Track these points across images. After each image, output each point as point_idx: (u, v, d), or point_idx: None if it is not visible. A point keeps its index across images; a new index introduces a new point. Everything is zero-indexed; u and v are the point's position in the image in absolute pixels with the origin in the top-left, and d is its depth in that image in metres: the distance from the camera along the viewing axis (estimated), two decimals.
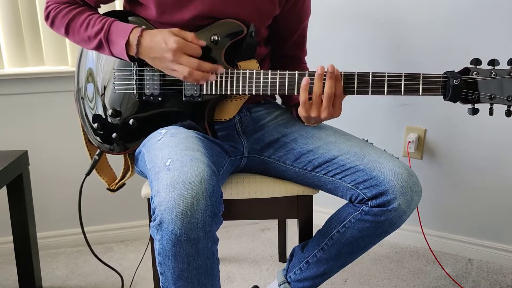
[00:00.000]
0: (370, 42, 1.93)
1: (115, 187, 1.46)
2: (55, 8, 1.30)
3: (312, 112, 1.19)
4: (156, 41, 1.19)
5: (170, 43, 1.17)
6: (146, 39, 1.20)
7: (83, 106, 1.39)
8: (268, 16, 1.33)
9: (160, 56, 1.19)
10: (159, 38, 1.19)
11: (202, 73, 1.19)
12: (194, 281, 1.08)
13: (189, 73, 1.18)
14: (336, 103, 1.18)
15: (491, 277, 1.82)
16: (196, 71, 1.18)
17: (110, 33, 1.23)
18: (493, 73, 1.13)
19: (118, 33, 1.22)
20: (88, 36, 1.26)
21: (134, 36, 1.20)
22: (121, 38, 1.21)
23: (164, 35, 1.18)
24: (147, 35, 1.20)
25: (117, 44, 1.22)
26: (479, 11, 1.73)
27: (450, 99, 1.16)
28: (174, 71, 1.20)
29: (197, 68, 1.18)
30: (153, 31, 1.21)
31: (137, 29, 1.21)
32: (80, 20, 1.27)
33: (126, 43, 1.21)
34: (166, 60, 1.19)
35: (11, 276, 1.84)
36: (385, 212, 1.18)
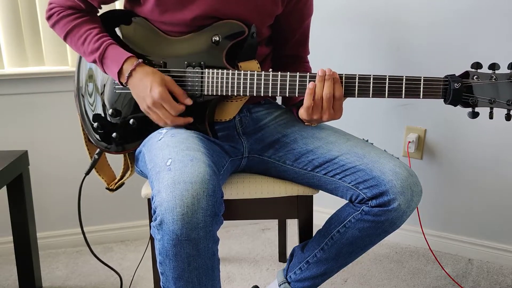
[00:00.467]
0: (371, 42, 1.93)
1: (114, 187, 1.46)
2: (59, 12, 1.30)
3: (314, 114, 1.19)
4: (144, 82, 1.21)
5: (154, 92, 1.20)
6: (137, 75, 1.23)
7: (83, 105, 1.39)
8: (270, 16, 1.33)
9: (142, 97, 1.23)
10: (147, 81, 1.21)
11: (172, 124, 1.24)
12: (194, 281, 1.08)
13: (162, 124, 1.25)
14: (336, 105, 1.18)
15: (491, 277, 1.83)
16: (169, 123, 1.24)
17: (105, 56, 1.25)
18: (494, 77, 1.14)
19: (112, 59, 1.25)
20: (84, 51, 1.29)
21: (127, 67, 1.23)
22: (115, 65, 1.24)
23: (153, 80, 1.21)
24: (140, 71, 1.23)
25: (111, 69, 1.25)
26: (479, 12, 1.73)
27: (450, 102, 1.16)
28: (149, 115, 1.25)
29: (170, 122, 1.23)
30: (147, 69, 1.23)
31: (131, 60, 1.23)
32: (79, 33, 1.29)
33: (119, 71, 1.23)
34: (145, 103, 1.23)
35: (11, 276, 1.84)
36: (385, 212, 1.18)
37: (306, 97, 1.18)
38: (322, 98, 1.17)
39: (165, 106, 1.21)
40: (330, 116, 1.19)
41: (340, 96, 1.17)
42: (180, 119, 1.24)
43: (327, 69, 1.17)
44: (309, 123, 1.27)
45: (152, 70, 1.23)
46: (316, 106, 1.18)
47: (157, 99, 1.20)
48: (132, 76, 1.23)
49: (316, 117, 1.19)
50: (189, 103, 1.24)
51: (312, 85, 1.18)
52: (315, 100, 1.18)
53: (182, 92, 1.23)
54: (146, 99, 1.21)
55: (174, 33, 1.29)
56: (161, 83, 1.20)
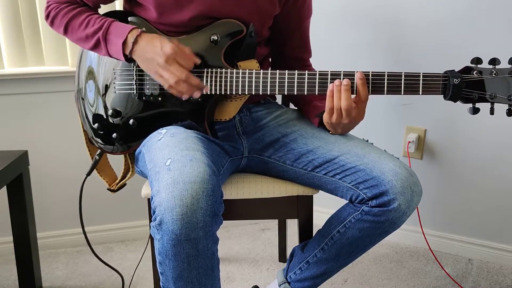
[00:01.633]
0: (371, 42, 1.93)
1: (116, 188, 1.46)
2: (56, 8, 1.31)
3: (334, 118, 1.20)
4: (152, 43, 1.19)
5: (166, 48, 1.17)
6: (144, 39, 1.20)
7: (83, 107, 1.39)
8: (269, 16, 1.33)
9: (152, 58, 1.18)
10: (156, 41, 1.19)
11: (188, 86, 1.18)
12: (194, 281, 1.08)
13: (175, 83, 1.17)
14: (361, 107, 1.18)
15: (491, 277, 1.82)
16: (183, 82, 1.17)
17: (108, 32, 1.23)
18: (494, 72, 1.13)
19: (117, 32, 1.23)
20: (86, 34, 1.26)
21: (132, 35, 1.21)
22: (119, 37, 1.22)
23: (162, 40, 1.19)
24: (146, 36, 1.21)
25: (115, 43, 1.22)
26: (479, 11, 1.73)
27: (450, 98, 1.16)
28: (161, 77, 1.19)
29: (184, 79, 1.17)
30: (153, 34, 1.22)
31: (136, 29, 1.22)
32: (79, 20, 1.27)
33: (124, 42, 1.21)
34: (156, 63, 1.18)
35: (11, 276, 1.84)
36: (385, 212, 1.18)
37: (327, 99, 1.19)
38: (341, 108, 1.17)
39: (178, 60, 1.17)
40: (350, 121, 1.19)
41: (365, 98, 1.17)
42: (195, 78, 1.19)
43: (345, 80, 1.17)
44: (334, 130, 1.27)
45: (157, 35, 1.22)
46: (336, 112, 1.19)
47: (170, 54, 1.16)
48: (138, 41, 1.20)
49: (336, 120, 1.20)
50: (198, 62, 1.21)
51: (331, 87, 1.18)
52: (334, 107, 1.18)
53: (190, 50, 1.21)
54: (157, 58, 1.17)
55: (172, 33, 1.29)
56: (170, 40, 1.19)
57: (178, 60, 1.17)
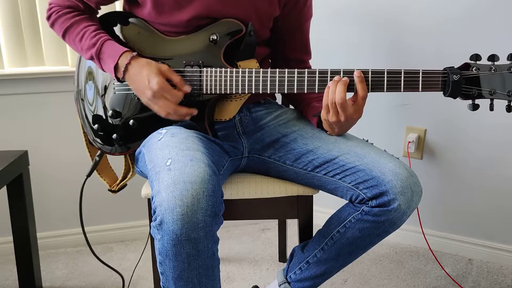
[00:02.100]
0: (371, 42, 1.93)
1: (117, 188, 1.46)
2: (57, 11, 1.31)
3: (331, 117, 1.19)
4: (141, 75, 1.21)
5: (152, 83, 1.19)
6: (133, 69, 1.22)
7: (83, 107, 1.39)
8: (268, 18, 1.33)
9: (141, 91, 1.22)
10: (144, 73, 1.20)
11: (177, 116, 1.22)
12: (194, 281, 1.08)
13: (165, 115, 1.22)
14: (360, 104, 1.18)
15: (491, 277, 1.83)
16: (171, 114, 1.22)
17: (101, 52, 1.25)
18: (493, 68, 1.13)
19: (109, 54, 1.24)
20: (81, 47, 1.29)
21: (122, 62, 1.22)
22: (111, 60, 1.24)
23: (150, 72, 1.20)
24: (135, 65, 1.22)
25: (107, 64, 1.25)
26: (480, 12, 1.73)
27: (450, 95, 1.16)
28: (152, 108, 1.23)
29: (173, 112, 1.21)
30: (141, 62, 1.22)
31: (126, 54, 1.23)
32: (76, 30, 1.29)
33: (115, 66, 1.23)
34: (145, 96, 1.22)
35: (11, 276, 1.84)
36: (385, 212, 1.18)
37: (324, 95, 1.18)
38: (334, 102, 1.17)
39: (165, 95, 1.20)
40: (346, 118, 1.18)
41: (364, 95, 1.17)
42: (183, 109, 1.22)
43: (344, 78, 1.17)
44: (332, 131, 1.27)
45: (146, 62, 1.22)
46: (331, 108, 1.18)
47: (156, 90, 1.18)
48: (128, 70, 1.22)
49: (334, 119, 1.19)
50: (188, 90, 1.23)
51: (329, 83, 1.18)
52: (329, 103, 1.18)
53: (180, 79, 1.22)
54: (146, 92, 1.20)
55: (172, 33, 1.29)
56: (157, 73, 1.20)
57: (165, 95, 1.20)
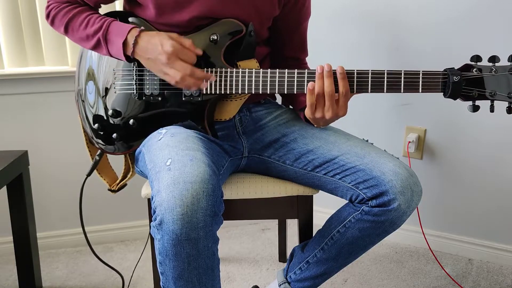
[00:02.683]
0: (371, 42, 1.93)
1: (116, 188, 1.46)
2: (56, 7, 1.31)
3: (317, 113, 1.19)
4: (152, 43, 1.19)
5: (166, 46, 1.17)
6: (143, 40, 1.20)
7: (84, 107, 1.39)
8: (268, 17, 1.33)
9: (155, 58, 1.19)
10: (156, 40, 1.19)
11: (194, 80, 1.19)
12: (194, 281, 1.08)
13: (181, 78, 1.18)
14: (340, 102, 1.18)
15: (491, 277, 1.83)
16: (188, 77, 1.18)
17: (108, 32, 1.23)
18: (494, 69, 1.13)
19: (117, 32, 1.23)
20: (86, 34, 1.26)
21: (131, 35, 1.21)
22: (119, 37, 1.21)
23: (161, 38, 1.18)
24: (145, 35, 1.21)
25: (115, 43, 1.22)
26: (480, 12, 1.73)
27: (450, 96, 1.16)
28: (166, 75, 1.19)
29: (189, 74, 1.18)
30: (151, 33, 1.21)
31: (135, 29, 1.22)
32: (79, 19, 1.27)
33: (124, 42, 1.21)
34: (160, 62, 1.18)
35: (11, 276, 1.84)
36: (385, 212, 1.18)
37: (307, 96, 1.18)
38: (323, 95, 1.17)
39: (181, 57, 1.17)
40: (333, 114, 1.18)
41: (346, 92, 1.16)
42: (199, 70, 1.20)
43: (326, 65, 1.16)
44: (316, 124, 1.26)
45: (156, 32, 1.22)
46: (318, 104, 1.18)
47: (171, 52, 1.16)
48: (138, 42, 1.20)
49: (319, 115, 1.19)
50: (199, 53, 1.21)
51: (311, 85, 1.17)
52: (317, 98, 1.17)
53: (191, 42, 1.21)
54: (160, 57, 1.18)
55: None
56: (169, 38, 1.18)
57: (180, 56, 1.17)
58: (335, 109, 1.18)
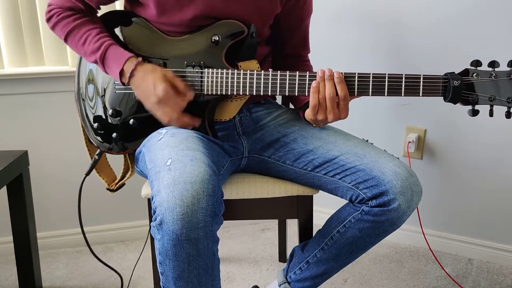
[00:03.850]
0: (372, 43, 1.93)
1: (115, 187, 1.46)
2: (58, 14, 1.30)
3: (319, 115, 1.19)
4: (146, 81, 1.21)
5: (158, 90, 1.19)
6: (138, 74, 1.22)
7: (84, 107, 1.39)
8: (270, 16, 1.33)
9: (146, 96, 1.22)
10: (149, 79, 1.21)
11: (180, 123, 1.24)
12: (194, 281, 1.08)
13: (168, 122, 1.23)
14: (341, 105, 1.18)
15: (491, 277, 1.83)
16: (174, 121, 1.23)
17: (106, 57, 1.25)
18: (493, 74, 1.14)
19: (113, 59, 1.24)
20: (84, 52, 1.28)
21: (128, 68, 1.22)
22: (116, 65, 1.24)
23: (155, 78, 1.20)
24: (140, 71, 1.22)
25: (112, 69, 1.25)
26: (479, 13, 1.73)
27: (450, 100, 1.16)
28: (155, 114, 1.24)
29: (176, 120, 1.22)
30: (147, 68, 1.23)
31: (132, 60, 1.23)
32: (79, 34, 1.28)
33: (121, 72, 1.23)
34: (149, 102, 1.22)
35: (11, 276, 1.84)
36: (385, 212, 1.19)
37: (311, 96, 1.18)
38: (325, 98, 1.17)
39: (170, 103, 1.20)
40: (335, 116, 1.19)
41: (345, 95, 1.17)
42: (185, 117, 1.23)
43: (327, 69, 1.17)
44: (316, 124, 1.26)
45: (152, 68, 1.23)
46: (320, 107, 1.18)
47: (162, 96, 1.19)
48: (134, 76, 1.22)
49: (321, 117, 1.19)
50: (191, 98, 1.23)
51: (315, 84, 1.17)
52: (319, 99, 1.18)
53: (184, 86, 1.22)
54: (151, 97, 1.21)
55: (174, 33, 1.29)
56: (163, 79, 1.20)
57: (170, 103, 1.20)
58: (336, 112, 1.18)
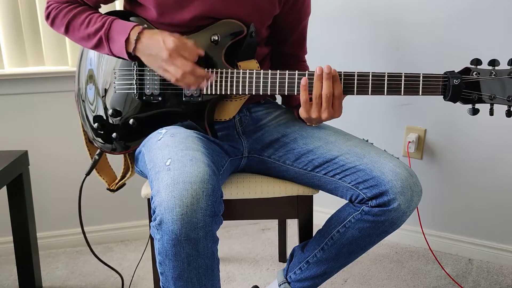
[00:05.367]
0: (371, 42, 1.93)
1: (115, 187, 1.46)
2: (56, 8, 1.30)
3: (313, 113, 1.19)
4: (154, 39, 1.19)
5: (168, 42, 1.17)
6: (146, 36, 1.20)
7: (84, 108, 1.39)
8: (269, 16, 1.33)
9: (156, 54, 1.18)
10: (158, 36, 1.19)
11: (195, 78, 1.18)
12: (194, 281, 1.08)
13: (182, 76, 1.17)
14: (335, 104, 1.18)
15: (491, 277, 1.83)
16: (189, 74, 1.17)
17: (110, 30, 1.23)
18: (494, 73, 1.13)
19: (119, 30, 1.23)
20: (88, 33, 1.26)
21: (134, 32, 1.21)
22: (122, 35, 1.21)
23: (163, 35, 1.19)
24: (147, 33, 1.21)
25: (117, 41, 1.22)
26: (479, 12, 1.73)
27: (450, 99, 1.16)
28: (166, 71, 1.19)
29: (190, 72, 1.17)
30: (154, 30, 1.22)
31: (138, 26, 1.22)
32: (81, 19, 1.27)
33: (126, 40, 1.21)
34: (160, 59, 1.18)
35: (11, 276, 1.84)
36: (385, 212, 1.19)
37: (301, 92, 1.18)
38: (321, 97, 1.17)
39: (182, 53, 1.17)
40: (329, 115, 1.19)
41: (339, 94, 1.17)
42: (200, 69, 1.19)
43: (326, 67, 1.16)
44: (309, 122, 1.27)
45: (158, 30, 1.22)
46: (315, 105, 1.18)
47: (173, 48, 1.16)
48: (140, 39, 1.20)
49: (315, 116, 1.19)
50: (202, 53, 1.21)
51: (304, 81, 1.17)
52: (315, 99, 1.17)
53: (193, 42, 1.20)
54: (161, 53, 1.17)
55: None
56: (171, 35, 1.18)
57: (182, 53, 1.17)
58: (330, 110, 1.18)
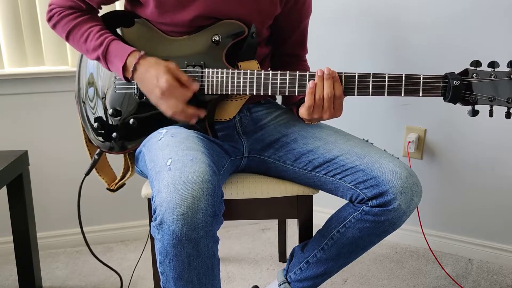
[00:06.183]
0: (371, 42, 1.93)
1: (115, 187, 1.46)
2: (59, 13, 1.30)
3: (315, 114, 1.19)
4: (149, 75, 1.20)
5: (161, 81, 1.18)
6: (141, 68, 1.22)
7: (84, 108, 1.39)
8: (270, 16, 1.33)
9: (150, 90, 1.21)
10: (152, 72, 1.20)
11: (184, 116, 1.22)
12: (194, 281, 1.08)
13: (172, 114, 1.22)
14: (336, 104, 1.18)
15: (491, 277, 1.83)
16: (179, 114, 1.21)
17: (108, 52, 1.25)
18: (493, 75, 1.14)
19: (116, 54, 1.24)
20: (86, 49, 1.28)
21: (131, 61, 1.22)
22: (119, 60, 1.23)
23: (158, 71, 1.19)
24: (143, 64, 1.22)
25: (115, 64, 1.24)
26: (479, 12, 1.73)
27: (450, 100, 1.16)
28: (159, 107, 1.23)
29: (180, 112, 1.21)
30: (150, 61, 1.22)
31: (135, 54, 1.22)
32: (80, 31, 1.28)
33: (123, 66, 1.22)
34: (153, 95, 1.21)
35: (11, 276, 1.84)
36: (385, 212, 1.19)
37: (307, 96, 1.18)
38: (323, 97, 1.17)
39: (175, 94, 1.19)
40: (330, 115, 1.19)
41: (340, 95, 1.17)
42: (190, 108, 1.22)
43: (326, 68, 1.17)
44: (309, 121, 1.27)
45: (155, 61, 1.22)
46: (317, 106, 1.18)
47: (166, 88, 1.18)
48: (137, 70, 1.22)
49: (317, 116, 1.19)
50: (196, 88, 1.22)
51: (312, 84, 1.17)
52: (316, 99, 1.18)
53: (188, 78, 1.22)
54: (155, 90, 1.20)
55: (174, 33, 1.29)
56: (166, 71, 1.19)
57: (174, 94, 1.19)
58: (332, 111, 1.19)
